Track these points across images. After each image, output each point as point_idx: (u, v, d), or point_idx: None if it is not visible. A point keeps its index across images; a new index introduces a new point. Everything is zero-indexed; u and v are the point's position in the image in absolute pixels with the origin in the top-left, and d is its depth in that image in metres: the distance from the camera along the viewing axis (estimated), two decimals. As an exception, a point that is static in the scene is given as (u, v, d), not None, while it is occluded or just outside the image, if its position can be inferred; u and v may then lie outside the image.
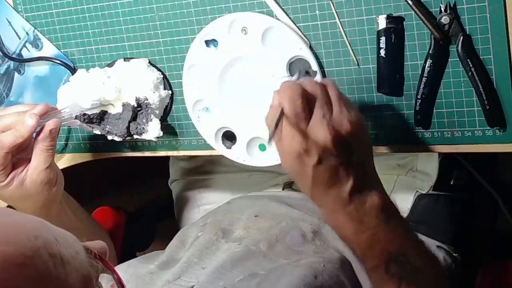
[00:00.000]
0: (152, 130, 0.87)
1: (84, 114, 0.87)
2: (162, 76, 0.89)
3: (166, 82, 0.90)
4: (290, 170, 0.70)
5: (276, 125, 0.67)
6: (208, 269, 0.81)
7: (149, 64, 0.89)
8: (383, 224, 0.70)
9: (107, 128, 0.88)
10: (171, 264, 0.86)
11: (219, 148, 0.89)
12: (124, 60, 0.90)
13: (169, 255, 0.90)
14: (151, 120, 0.87)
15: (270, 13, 0.82)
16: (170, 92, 0.90)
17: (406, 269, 0.70)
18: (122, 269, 0.84)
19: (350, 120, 0.68)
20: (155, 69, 0.89)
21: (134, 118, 0.86)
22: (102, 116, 0.88)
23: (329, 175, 0.68)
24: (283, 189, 1.10)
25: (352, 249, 0.73)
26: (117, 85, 0.86)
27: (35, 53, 0.98)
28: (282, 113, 0.67)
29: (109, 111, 0.88)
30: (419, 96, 0.76)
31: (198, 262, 0.84)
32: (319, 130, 0.66)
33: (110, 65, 0.91)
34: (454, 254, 1.03)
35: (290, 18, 0.81)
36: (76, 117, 0.87)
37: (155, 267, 0.86)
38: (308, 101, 0.67)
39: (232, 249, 0.86)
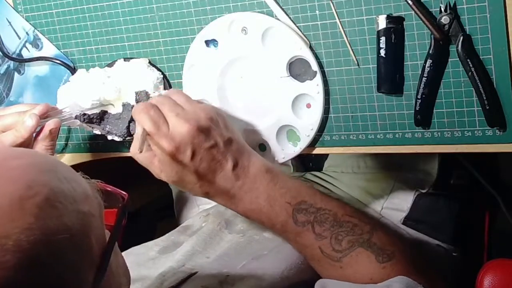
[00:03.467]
0: (152, 130, 0.87)
1: (84, 114, 0.87)
2: (162, 76, 0.89)
3: (166, 82, 0.90)
4: (173, 175, 0.73)
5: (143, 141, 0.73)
6: (212, 258, 0.83)
7: (149, 64, 0.89)
8: (272, 183, 0.75)
9: (107, 128, 0.88)
10: (171, 248, 0.87)
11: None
12: (124, 60, 0.90)
13: (169, 240, 0.91)
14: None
15: (270, 13, 0.82)
16: (170, 92, 0.90)
17: (311, 212, 0.74)
18: None
19: (202, 108, 0.75)
20: (155, 69, 0.89)
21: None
22: (102, 116, 0.88)
23: (207, 161, 0.73)
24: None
25: (259, 221, 0.76)
26: (117, 85, 0.86)
27: (35, 53, 0.98)
28: (145, 132, 0.73)
29: (109, 111, 0.88)
30: (419, 96, 0.76)
31: (202, 251, 0.86)
32: (180, 125, 0.72)
33: (110, 65, 0.91)
34: (454, 254, 1.03)
35: (290, 18, 0.81)
36: (76, 117, 0.87)
37: (155, 253, 0.87)
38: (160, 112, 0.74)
39: (236, 239, 0.87)
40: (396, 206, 1.02)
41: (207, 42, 0.86)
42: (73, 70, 0.95)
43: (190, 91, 0.88)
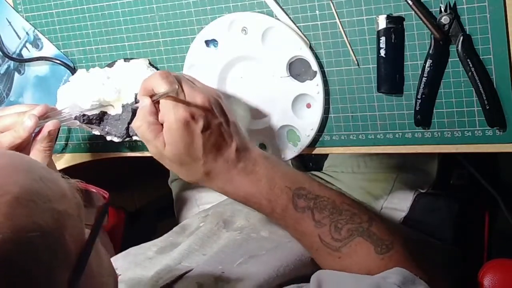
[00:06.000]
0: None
1: (84, 115, 0.87)
2: (162, 76, 0.89)
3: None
4: (180, 148, 0.73)
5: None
6: (208, 255, 0.83)
7: (149, 64, 0.89)
8: (271, 167, 0.75)
9: (106, 129, 0.88)
10: (169, 249, 0.88)
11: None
12: (124, 61, 0.90)
13: (167, 241, 0.91)
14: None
15: (270, 13, 0.82)
16: (170, 92, 0.90)
17: (310, 198, 0.74)
18: (120, 258, 0.85)
19: (211, 88, 0.78)
20: (155, 70, 0.89)
21: (133, 119, 0.86)
22: (101, 117, 0.88)
23: (216, 137, 0.73)
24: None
25: (259, 205, 0.75)
26: (116, 86, 0.86)
27: (35, 53, 0.98)
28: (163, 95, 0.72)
29: (108, 112, 0.88)
30: (419, 96, 0.76)
31: (199, 249, 0.85)
32: (196, 95, 0.73)
33: (110, 65, 0.91)
34: (454, 254, 1.03)
35: (290, 18, 0.81)
36: (75, 118, 0.86)
37: (153, 253, 0.87)
38: None
39: (233, 236, 0.87)
40: (396, 206, 1.02)
41: (207, 42, 0.86)
42: (73, 70, 0.95)
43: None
